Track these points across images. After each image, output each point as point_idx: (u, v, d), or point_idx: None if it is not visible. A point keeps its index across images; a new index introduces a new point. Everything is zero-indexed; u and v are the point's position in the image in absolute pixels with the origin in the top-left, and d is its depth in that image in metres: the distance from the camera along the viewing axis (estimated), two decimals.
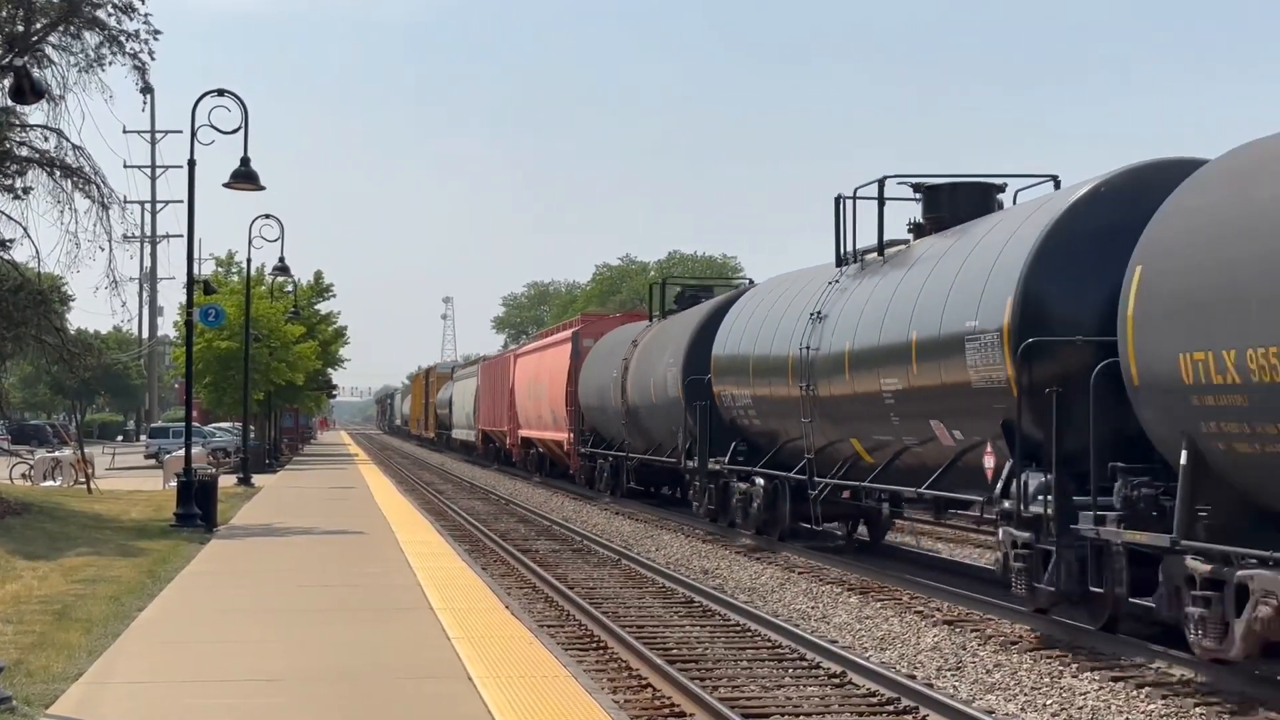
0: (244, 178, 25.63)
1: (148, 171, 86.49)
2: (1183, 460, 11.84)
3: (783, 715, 11.14)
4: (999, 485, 15.18)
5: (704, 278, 66.96)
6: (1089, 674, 12.60)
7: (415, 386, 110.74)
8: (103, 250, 29.09)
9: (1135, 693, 11.86)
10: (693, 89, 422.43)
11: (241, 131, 25.71)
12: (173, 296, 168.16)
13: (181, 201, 37.37)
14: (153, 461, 54.95)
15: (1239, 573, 11.25)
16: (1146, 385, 12.31)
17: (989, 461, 15.60)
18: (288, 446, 69.69)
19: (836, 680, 12.39)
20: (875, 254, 20.23)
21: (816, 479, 21.13)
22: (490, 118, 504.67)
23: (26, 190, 28.11)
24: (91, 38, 28.45)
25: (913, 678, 12.39)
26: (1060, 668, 12.94)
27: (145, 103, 32.52)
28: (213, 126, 25.72)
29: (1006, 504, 14.80)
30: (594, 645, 14.29)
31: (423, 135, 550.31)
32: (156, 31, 29.05)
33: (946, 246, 17.78)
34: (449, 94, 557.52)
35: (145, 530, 24.78)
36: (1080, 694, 11.85)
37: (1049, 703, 11.57)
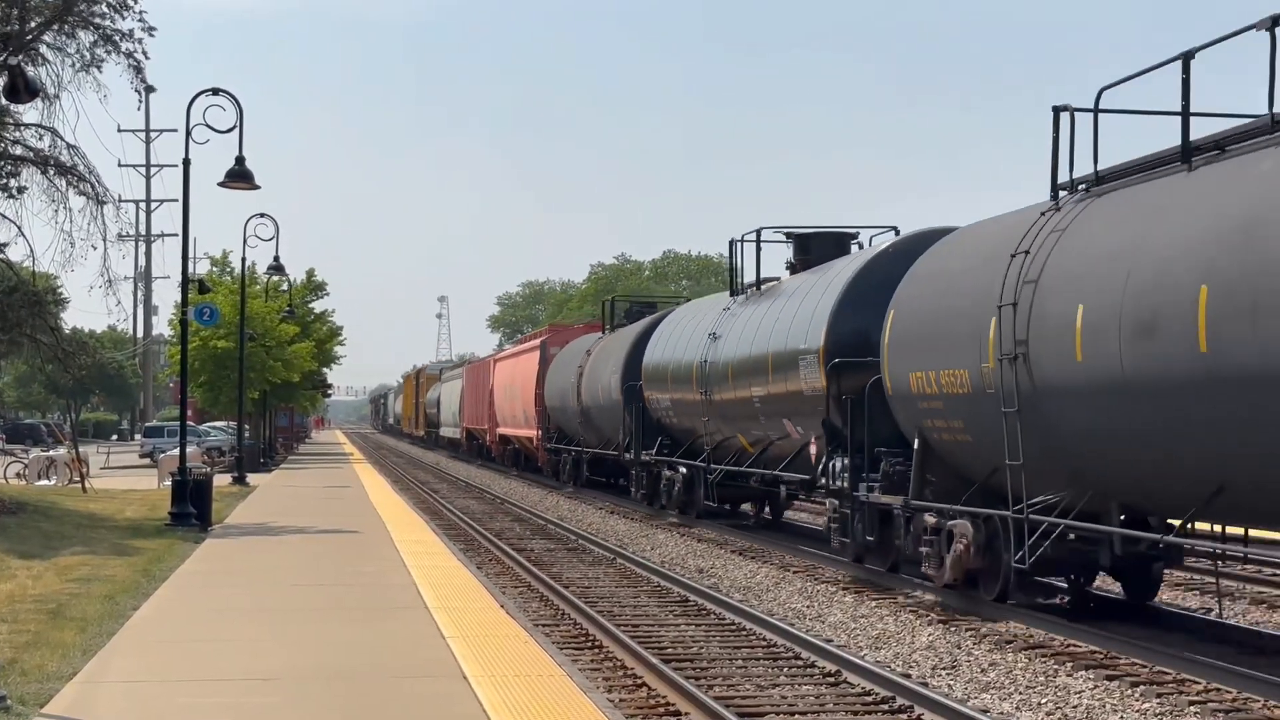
0: (239, 177, 25.63)
1: (142, 170, 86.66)
2: (915, 446, 16.98)
3: (778, 714, 11.14)
4: (820, 467, 20.47)
5: (651, 295, 72.06)
6: (1084, 672, 12.62)
7: (406, 387, 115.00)
8: (96, 249, 29.06)
9: (1130, 691, 11.88)
10: (690, 89, 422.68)
11: (237, 130, 25.72)
12: (168, 296, 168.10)
13: (176, 200, 37.47)
14: (147, 460, 54.93)
15: (949, 522, 16.08)
16: (895, 394, 17.41)
17: (813, 449, 21.05)
18: (283, 446, 69.67)
19: (831, 679, 12.39)
20: (755, 288, 25.86)
21: (713, 466, 26.87)
22: (486, 117, 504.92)
23: (21, 190, 28.10)
24: (86, 36, 28.44)
25: (908, 676, 12.40)
26: (1055, 666, 12.96)
27: (141, 101, 32.49)
28: (208, 126, 25.73)
29: (823, 481, 20.17)
30: (589, 644, 14.29)
31: (418, 134, 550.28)
32: (151, 29, 29.04)
33: (800, 284, 23.18)
34: (445, 93, 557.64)
35: (140, 529, 24.77)
36: (1075, 692, 11.86)
37: (1043, 701, 11.58)
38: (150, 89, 30.33)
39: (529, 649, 12.29)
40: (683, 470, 28.82)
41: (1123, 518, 14.32)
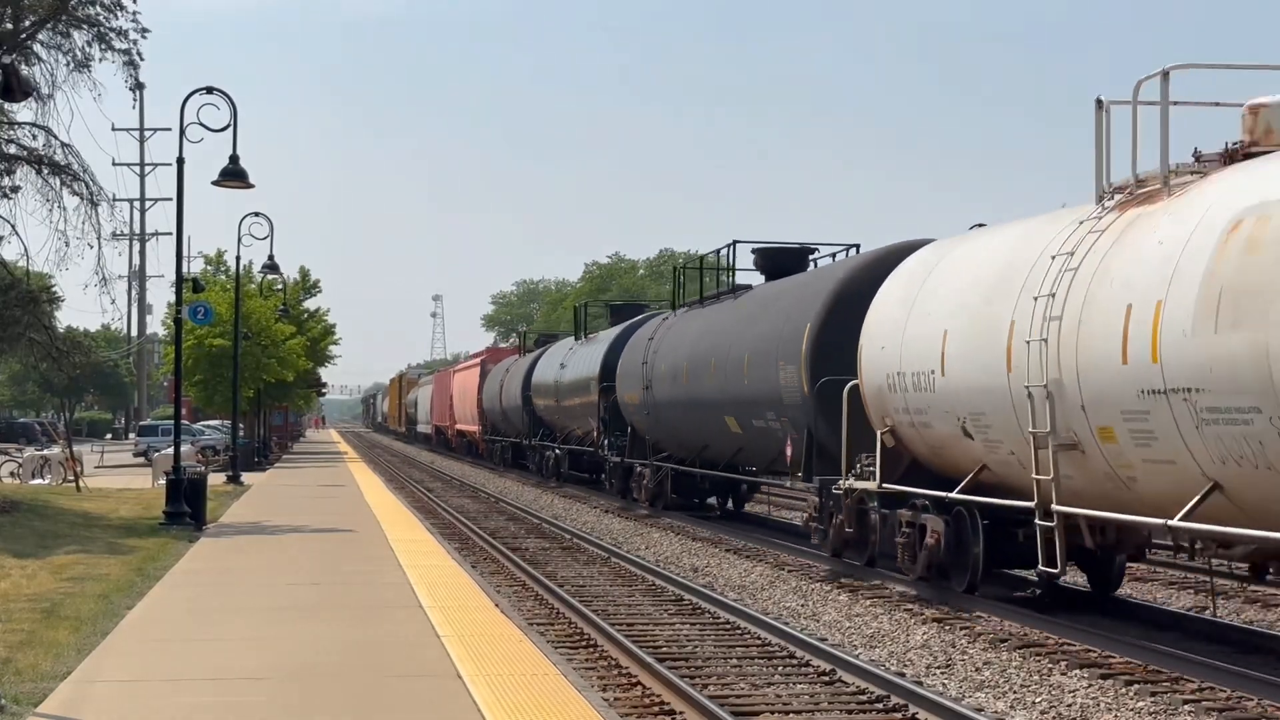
0: (233, 176, 25.58)
1: (136, 169, 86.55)
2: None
3: (772, 713, 11.14)
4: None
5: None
6: (1078, 671, 12.63)
7: (391, 389, 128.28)
8: (91, 248, 29.08)
9: (1124, 690, 11.89)
10: (686, 88, 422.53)
11: (230, 129, 25.69)
12: (162, 295, 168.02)
13: (170, 199, 37.30)
14: (142, 459, 54.87)
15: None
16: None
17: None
18: (277, 444, 69.62)
19: (826, 678, 12.40)
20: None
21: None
22: (480, 114, 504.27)
23: (15, 189, 28.07)
24: (80, 36, 28.42)
25: (902, 675, 12.40)
26: (1049, 665, 12.97)
27: (135, 100, 32.45)
28: (202, 124, 25.70)
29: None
30: (584, 643, 14.29)
31: (413, 133, 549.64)
32: (145, 30, 29.04)
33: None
34: (439, 91, 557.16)
35: (134, 528, 24.75)
36: (1069, 691, 11.87)
37: (1038, 700, 11.59)
38: (141, 86, 30.19)
39: (524, 648, 12.29)
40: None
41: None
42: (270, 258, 43.26)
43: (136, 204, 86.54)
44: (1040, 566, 14.55)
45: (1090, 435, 13.23)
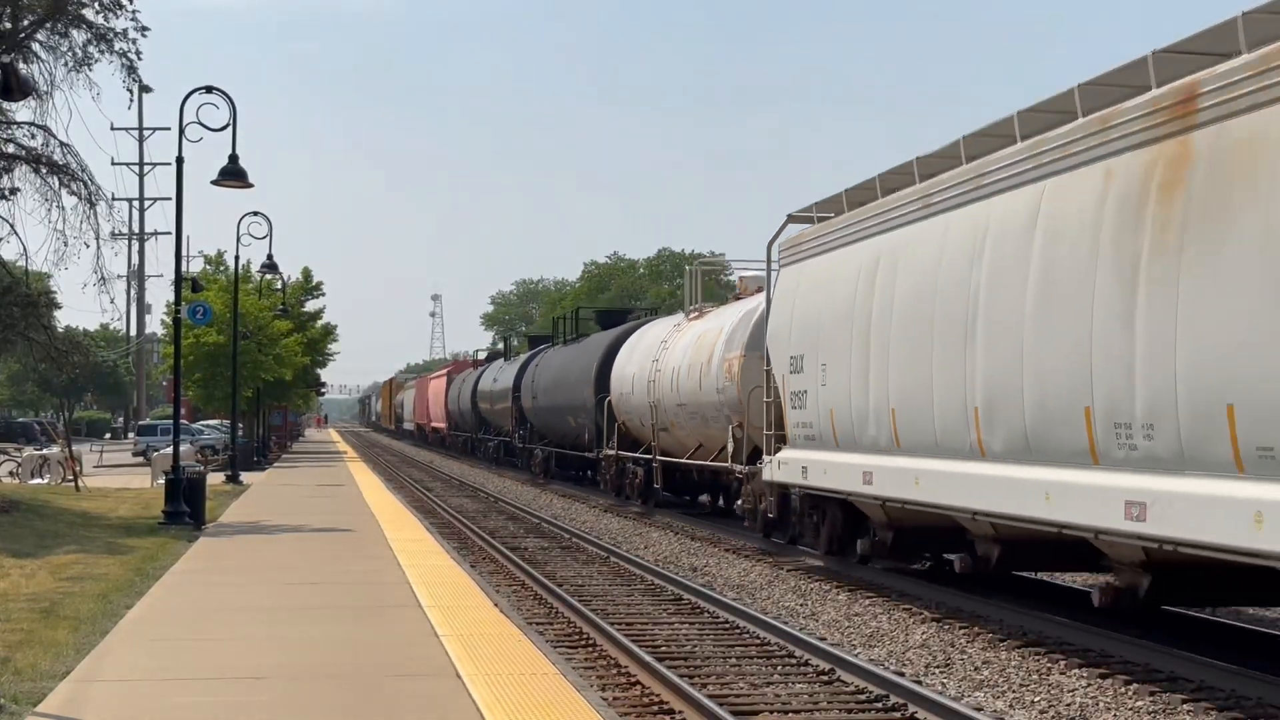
0: (232, 175, 25.57)
1: (135, 169, 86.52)
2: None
3: (771, 712, 11.14)
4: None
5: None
6: (1077, 670, 12.64)
7: (384, 391, 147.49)
8: (89, 247, 29.09)
9: (1123, 689, 11.89)
10: (683, 87, 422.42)
11: (230, 129, 25.69)
12: (161, 294, 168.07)
13: (170, 199, 37.32)
14: (141, 459, 54.87)
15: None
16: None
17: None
18: (276, 444, 69.61)
19: (825, 677, 12.40)
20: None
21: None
22: (480, 113, 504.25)
23: (14, 190, 28.06)
24: (79, 35, 28.41)
25: (901, 674, 12.40)
26: (1049, 664, 12.98)
27: (133, 100, 32.38)
28: (201, 124, 25.70)
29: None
30: (583, 642, 14.29)
31: (412, 132, 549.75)
32: (144, 29, 29.01)
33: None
34: (439, 91, 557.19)
35: (133, 528, 24.75)
36: (1068, 690, 11.88)
37: (1037, 699, 11.59)
38: (147, 89, 30.24)
39: (523, 647, 12.29)
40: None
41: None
42: (269, 257, 43.28)
43: (135, 204, 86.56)
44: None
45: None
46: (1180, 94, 11.70)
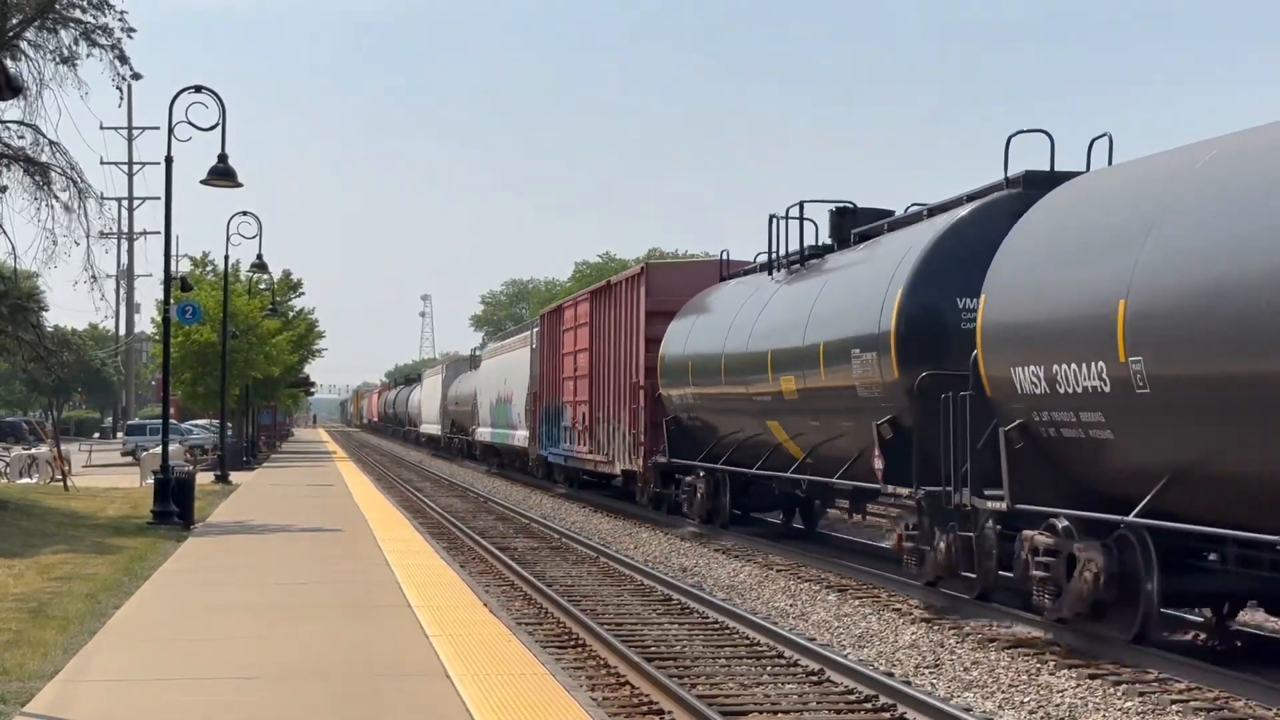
0: (222, 175, 25.53)
1: (125, 168, 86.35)
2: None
3: (760, 712, 11.14)
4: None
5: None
6: (1066, 671, 12.65)
7: (355, 398, 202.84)
8: (79, 245, 29.05)
9: (1112, 690, 11.90)
10: (677, 87, 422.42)
11: (219, 128, 25.65)
12: (150, 293, 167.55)
13: (159, 198, 37.29)
14: (129, 458, 54.76)
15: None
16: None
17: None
18: (265, 444, 69.53)
19: (815, 678, 12.40)
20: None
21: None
22: (470, 114, 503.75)
23: (3, 189, 28.04)
24: (67, 34, 28.41)
25: (890, 675, 12.40)
26: (1038, 665, 12.98)
27: (122, 99, 32.39)
28: (190, 123, 25.65)
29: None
30: (572, 642, 14.28)
31: (402, 132, 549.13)
32: (131, 29, 29.01)
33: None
34: (428, 91, 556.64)
35: (122, 527, 24.70)
36: (1058, 691, 11.89)
37: (1026, 700, 11.60)
38: (137, 75, 30.09)
39: (512, 647, 12.28)
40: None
41: None
42: (259, 256, 43.20)
43: (124, 203, 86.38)
44: None
45: None
46: None
